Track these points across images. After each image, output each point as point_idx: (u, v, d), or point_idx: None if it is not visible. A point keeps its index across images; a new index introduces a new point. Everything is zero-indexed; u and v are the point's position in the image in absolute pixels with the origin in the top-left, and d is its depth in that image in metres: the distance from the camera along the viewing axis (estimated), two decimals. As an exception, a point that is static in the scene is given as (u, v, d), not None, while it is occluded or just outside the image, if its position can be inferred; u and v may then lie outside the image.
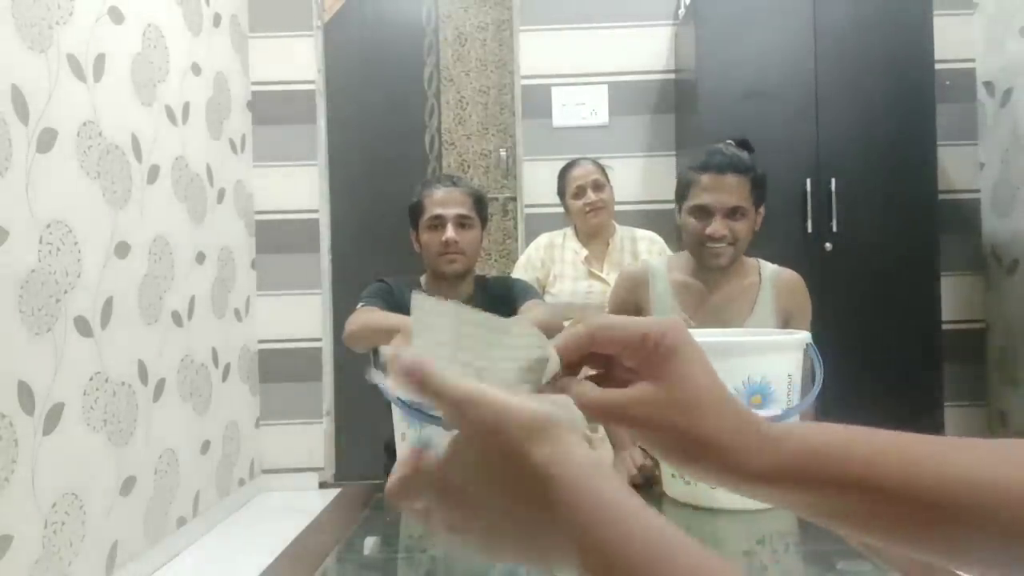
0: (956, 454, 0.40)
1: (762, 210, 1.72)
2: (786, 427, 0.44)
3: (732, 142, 1.71)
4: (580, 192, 2.60)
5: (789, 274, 1.74)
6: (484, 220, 1.99)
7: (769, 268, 1.75)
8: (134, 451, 2.61)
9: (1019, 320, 3.31)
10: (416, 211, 1.96)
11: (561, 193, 2.71)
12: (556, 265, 2.63)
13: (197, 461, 3.09)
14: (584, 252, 2.61)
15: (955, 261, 3.45)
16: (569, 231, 2.70)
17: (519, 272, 2.66)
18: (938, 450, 0.40)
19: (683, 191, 1.71)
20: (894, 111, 3.03)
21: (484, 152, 3.91)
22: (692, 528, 1.16)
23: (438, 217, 1.90)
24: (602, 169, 2.66)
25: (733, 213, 1.64)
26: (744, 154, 1.68)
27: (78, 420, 2.30)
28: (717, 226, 1.63)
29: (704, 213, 1.65)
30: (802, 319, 1.72)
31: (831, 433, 0.43)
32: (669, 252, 2.69)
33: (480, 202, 1.97)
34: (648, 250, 2.64)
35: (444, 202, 1.91)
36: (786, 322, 1.71)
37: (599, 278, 2.57)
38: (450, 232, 1.87)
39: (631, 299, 1.77)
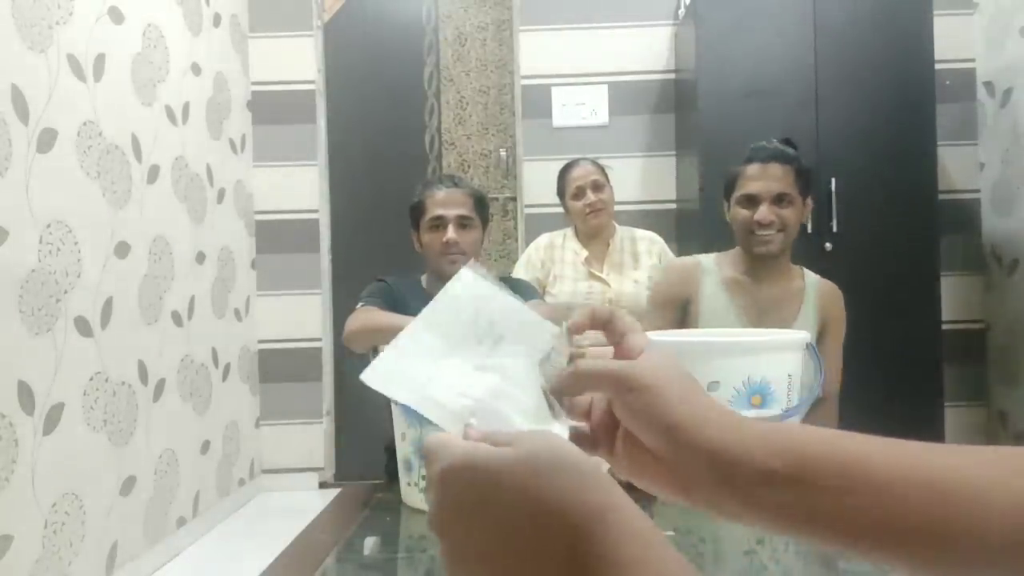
0: (954, 457, 0.39)
1: (809, 202, 1.77)
2: (782, 426, 0.44)
3: (775, 140, 1.78)
4: (580, 193, 2.59)
5: (831, 285, 1.80)
6: (485, 221, 1.99)
7: (812, 276, 1.80)
8: (134, 451, 2.61)
9: (1019, 320, 3.31)
10: (417, 211, 1.96)
11: (561, 194, 2.71)
12: (556, 266, 2.63)
13: (197, 461, 3.09)
14: (584, 253, 2.61)
15: (955, 261, 3.45)
16: (569, 231, 2.70)
17: (519, 272, 2.66)
18: (938, 451, 0.40)
19: (730, 185, 1.77)
20: (894, 111, 3.03)
21: (484, 152, 3.91)
22: (692, 528, 1.16)
23: (439, 218, 1.90)
24: (602, 170, 2.66)
25: (780, 200, 1.70)
26: (788, 148, 1.75)
27: (78, 420, 2.30)
28: (765, 212, 1.68)
29: (751, 201, 1.71)
30: (837, 330, 1.77)
31: (830, 434, 0.42)
32: (669, 253, 2.69)
33: (481, 203, 1.98)
34: (648, 250, 2.64)
35: (445, 203, 1.91)
36: (822, 331, 1.75)
37: (599, 279, 2.57)
38: (451, 233, 1.88)
39: (680, 292, 1.78)
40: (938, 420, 3.00)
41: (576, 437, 0.49)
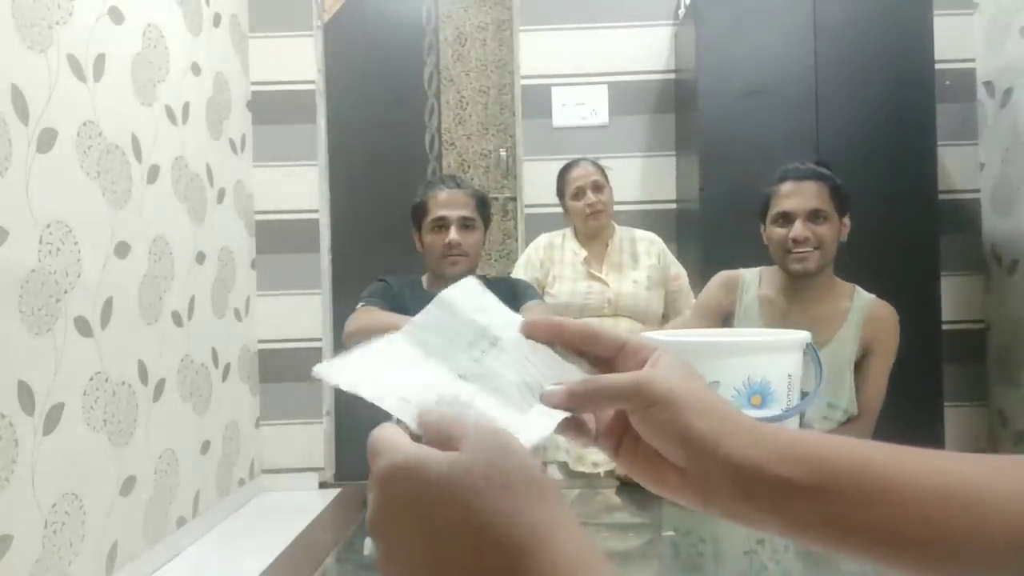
0: (973, 467, 0.40)
1: (847, 220, 1.75)
2: (800, 434, 0.43)
3: (809, 162, 1.79)
4: (579, 193, 2.59)
5: (882, 305, 1.73)
6: (487, 221, 2.00)
7: (864, 297, 1.74)
8: (134, 451, 2.61)
9: (1019, 320, 3.31)
10: (419, 212, 1.96)
11: (560, 194, 2.70)
12: (555, 266, 2.63)
13: (197, 461, 3.08)
14: (583, 253, 2.61)
15: (955, 261, 3.45)
16: (568, 232, 2.70)
17: (519, 273, 2.66)
18: (956, 460, 0.40)
19: (764, 205, 1.76)
20: (894, 111, 3.02)
21: (484, 152, 3.91)
22: (692, 528, 1.16)
23: (442, 219, 1.90)
24: (602, 170, 2.66)
25: (815, 217, 1.68)
26: (822, 168, 1.75)
27: (78, 420, 2.30)
28: (799, 228, 1.66)
29: (786, 219, 1.69)
30: (885, 352, 1.71)
31: (848, 443, 0.42)
32: (668, 253, 2.68)
33: (483, 204, 1.98)
34: (647, 251, 2.63)
35: (448, 204, 1.91)
36: (866, 352, 1.69)
37: (598, 279, 2.56)
38: (453, 234, 1.88)
39: (725, 301, 1.78)
40: (938, 420, 2.99)
41: (574, 426, 0.47)
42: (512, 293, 1.96)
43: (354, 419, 3.79)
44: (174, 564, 2.79)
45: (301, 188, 3.74)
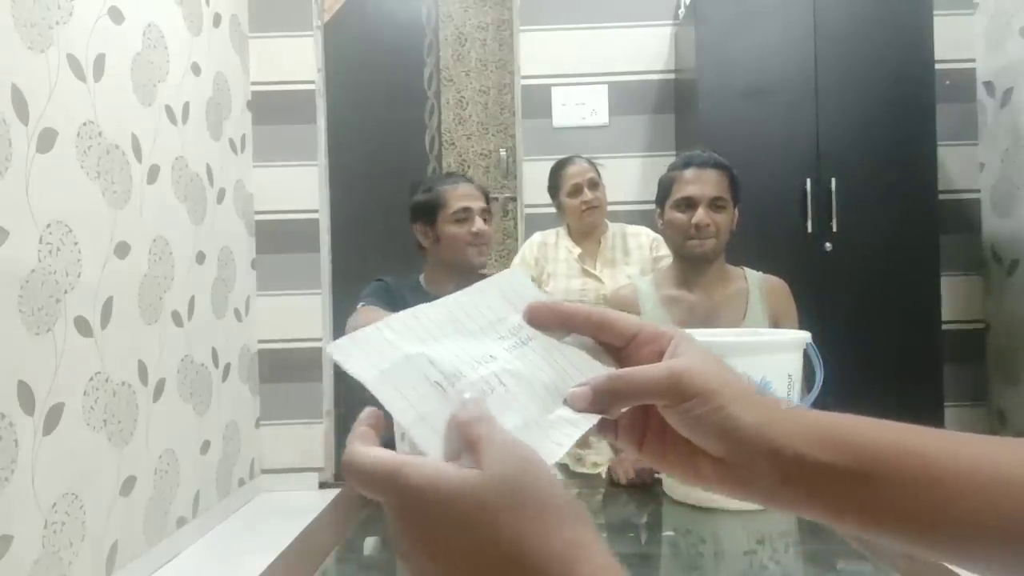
0: (1010, 450, 0.40)
1: (737, 211, 1.80)
2: (837, 418, 0.43)
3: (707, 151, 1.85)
4: (576, 190, 2.60)
5: (776, 280, 1.81)
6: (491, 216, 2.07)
7: (755, 275, 1.81)
8: (134, 451, 2.61)
9: (1019, 320, 3.31)
10: (434, 206, 1.95)
11: (554, 191, 2.70)
12: (550, 264, 2.64)
13: (197, 461, 3.08)
14: (577, 250, 2.61)
15: (955, 261, 3.45)
16: (562, 230, 2.70)
17: (517, 271, 2.66)
18: (992, 443, 0.40)
19: (665, 190, 1.81)
20: (894, 111, 3.02)
21: (484, 152, 3.91)
22: (692, 529, 1.16)
23: (466, 210, 1.93)
24: (596, 167, 2.67)
25: (715, 204, 1.73)
26: (720, 157, 1.80)
27: (78, 420, 2.30)
28: (702, 215, 1.71)
29: (688, 204, 1.74)
30: (790, 324, 1.77)
31: (884, 426, 0.42)
32: (664, 246, 2.68)
33: (489, 199, 2.05)
34: (639, 244, 2.63)
35: (469, 196, 1.96)
36: (775, 326, 1.75)
37: (593, 276, 2.57)
38: (481, 224, 1.92)
39: None
40: (938, 420, 3.00)
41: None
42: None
43: (354, 419, 3.79)
44: (174, 564, 2.79)
45: (301, 188, 3.74)
